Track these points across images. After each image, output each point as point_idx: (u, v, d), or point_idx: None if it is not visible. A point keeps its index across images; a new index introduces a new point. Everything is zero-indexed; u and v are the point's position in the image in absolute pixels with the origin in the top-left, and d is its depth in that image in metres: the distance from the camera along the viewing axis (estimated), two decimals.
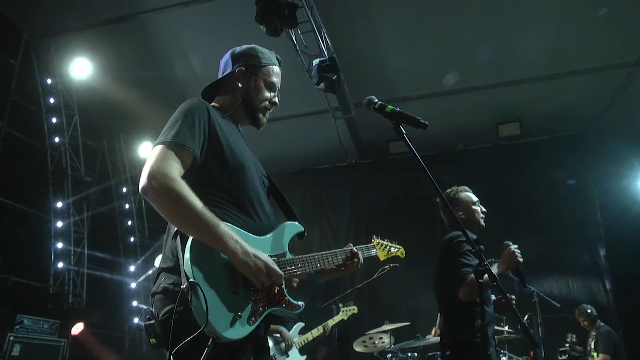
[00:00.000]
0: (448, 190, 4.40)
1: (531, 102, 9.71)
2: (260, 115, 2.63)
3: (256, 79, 2.61)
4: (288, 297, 2.35)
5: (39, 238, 9.20)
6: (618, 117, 9.52)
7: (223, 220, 2.15)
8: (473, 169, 9.97)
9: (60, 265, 9.24)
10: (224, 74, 2.66)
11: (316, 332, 6.43)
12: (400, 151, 10.64)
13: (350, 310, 6.80)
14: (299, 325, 6.33)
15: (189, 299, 1.98)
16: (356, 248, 2.85)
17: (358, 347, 7.05)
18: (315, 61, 8.07)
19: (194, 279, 1.99)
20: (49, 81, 9.56)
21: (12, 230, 8.49)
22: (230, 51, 2.72)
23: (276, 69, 2.70)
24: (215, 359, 2.00)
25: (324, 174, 11.69)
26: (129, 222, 11.47)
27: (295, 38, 7.89)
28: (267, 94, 2.63)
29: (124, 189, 11.47)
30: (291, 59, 7.95)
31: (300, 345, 6.22)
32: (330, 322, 6.59)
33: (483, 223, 4.25)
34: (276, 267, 2.21)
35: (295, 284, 2.54)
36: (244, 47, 2.70)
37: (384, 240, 3.31)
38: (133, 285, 10.99)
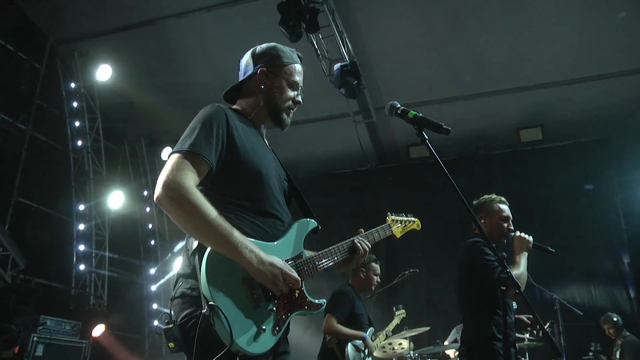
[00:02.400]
0: (486, 196, 4.34)
1: (553, 107, 9.61)
2: (285, 116, 2.59)
3: (279, 79, 2.56)
4: (309, 298, 2.34)
5: (61, 240, 9.32)
6: None
7: (239, 228, 2.14)
8: (494, 174, 9.91)
9: (82, 267, 9.35)
10: (245, 76, 2.63)
11: (383, 337, 6.39)
12: (420, 155, 10.57)
13: (401, 314, 6.75)
14: (371, 330, 6.29)
15: (212, 322, 1.97)
16: (370, 231, 2.80)
17: (377, 353, 7.00)
18: (337, 66, 8.08)
19: (214, 301, 1.98)
20: (72, 85, 9.71)
21: (36, 232, 8.61)
22: (250, 51, 2.67)
23: (298, 67, 2.64)
24: None
25: (344, 178, 11.69)
26: (150, 225, 11.56)
27: (317, 42, 7.91)
28: (291, 94, 2.58)
29: (145, 192, 11.55)
30: (312, 64, 7.96)
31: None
32: (390, 327, 6.56)
33: (505, 241, 4.10)
34: (292, 273, 2.20)
35: None
36: (264, 46, 2.64)
37: (399, 215, 3.19)
38: (153, 288, 11.05)
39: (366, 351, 5.90)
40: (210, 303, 1.98)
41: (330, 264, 2.53)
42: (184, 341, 2.07)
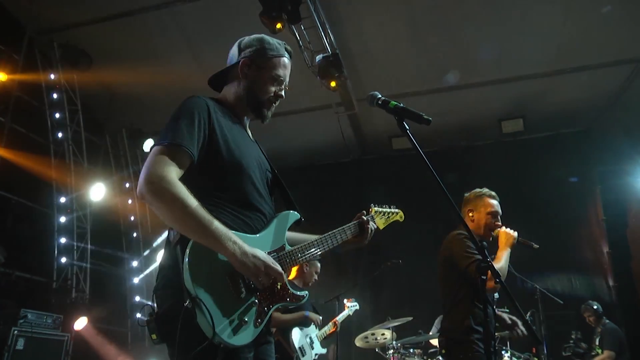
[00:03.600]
0: (477, 190, 4.34)
1: (535, 99, 9.67)
2: (265, 109, 2.58)
3: (261, 72, 2.54)
4: (292, 290, 2.35)
5: (42, 233, 9.22)
6: (622, 114, 9.50)
7: (220, 220, 2.13)
8: (476, 165, 9.95)
9: (63, 260, 9.26)
10: (229, 65, 2.62)
11: (329, 328, 6.42)
12: (403, 147, 10.60)
13: (354, 307, 6.82)
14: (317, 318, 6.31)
15: (194, 314, 1.98)
16: (354, 222, 2.83)
17: (360, 343, 7.06)
18: (319, 57, 8.06)
19: (196, 294, 1.98)
20: (52, 76, 9.56)
21: (16, 225, 8.52)
22: (238, 41, 2.66)
23: (284, 60, 2.62)
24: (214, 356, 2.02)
25: (326, 170, 11.69)
26: (132, 217, 11.47)
27: (299, 34, 7.89)
28: (272, 87, 2.55)
29: (127, 184, 11.45)
30: (294, 55, 7.92)
31: (320, 339, 6.22)
32: (340, 318, 6.59)
33: (491, 237, 4.12)
34: (275, 266, 2.18)
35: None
36: (253, 37, 2.63)
37: (382, 207, 3.20)
38: (136, 280, 10.98)
39: (312, 327, 5.96)
40: (193, 296, 1.97)
41: (317, 255, 2.54)
42: (167, 333, 2.07)
